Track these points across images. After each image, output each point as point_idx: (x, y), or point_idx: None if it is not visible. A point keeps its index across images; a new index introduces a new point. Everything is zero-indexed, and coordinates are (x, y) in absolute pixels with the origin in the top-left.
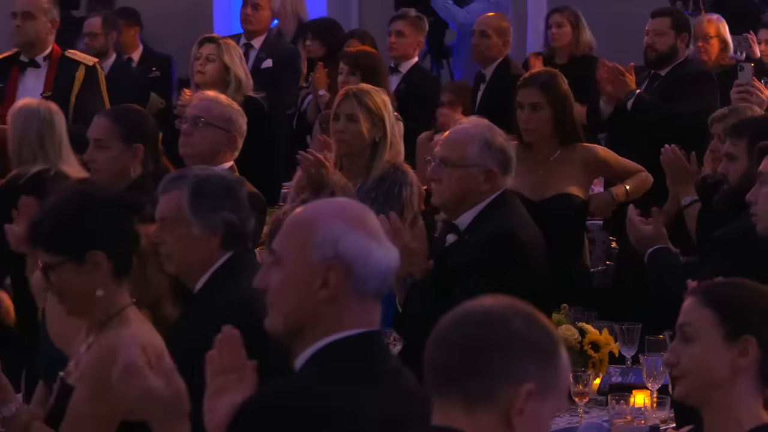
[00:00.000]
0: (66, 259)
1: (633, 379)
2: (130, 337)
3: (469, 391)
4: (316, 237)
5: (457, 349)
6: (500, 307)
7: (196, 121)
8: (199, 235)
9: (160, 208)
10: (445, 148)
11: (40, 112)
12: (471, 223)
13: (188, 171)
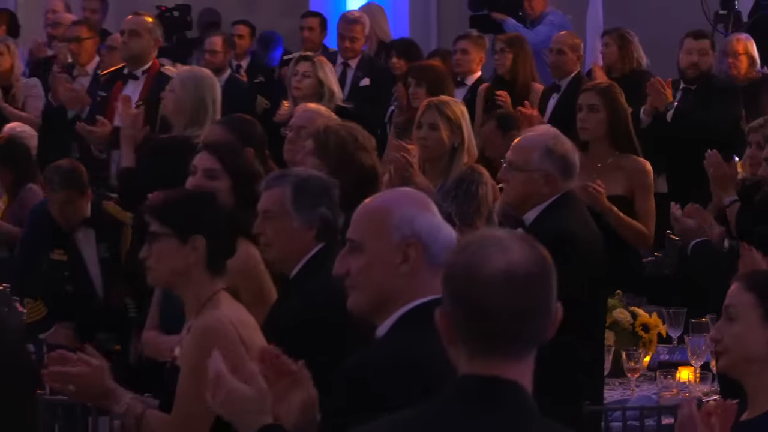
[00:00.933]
0: (172, 233)
1: (679, 357)
2: (222, 315)
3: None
4: (393, 220)
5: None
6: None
7: (299, 130)
8: (298, 228)
9: (263, 203)
10: (512, 153)
11: (212, 79)
12: (534, 220)
13: (290, 171)
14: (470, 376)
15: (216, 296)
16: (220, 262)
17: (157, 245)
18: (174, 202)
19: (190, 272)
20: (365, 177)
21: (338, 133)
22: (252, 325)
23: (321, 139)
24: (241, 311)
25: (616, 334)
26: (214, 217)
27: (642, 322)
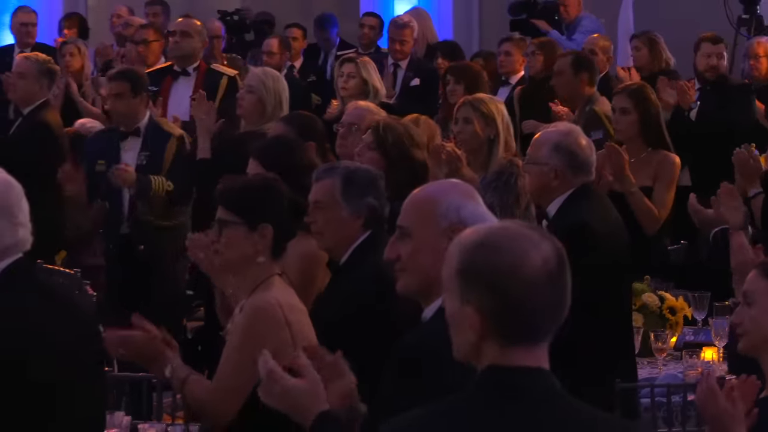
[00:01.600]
0: (242, 221)
1: (703, 338)
2: (271, 297)
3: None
4: (440, 209)
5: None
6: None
7: (350, 127)
8: (347, 217)
9: (314, 193)
10: (530, 147)
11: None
12: (557, 212)
13: (339, 164)
14: (501, 368)
15: (270, 279)
16: (283, 247)
17: (226, 232)
18: (243, 191)
19: (256, 257)
20: (418, 171)
21: (396, 130)
22: (300, 309)
23: (380, 134)
24: (291, 295)
25: (645, 317)
26: (279, 206)
27: (669, 305)
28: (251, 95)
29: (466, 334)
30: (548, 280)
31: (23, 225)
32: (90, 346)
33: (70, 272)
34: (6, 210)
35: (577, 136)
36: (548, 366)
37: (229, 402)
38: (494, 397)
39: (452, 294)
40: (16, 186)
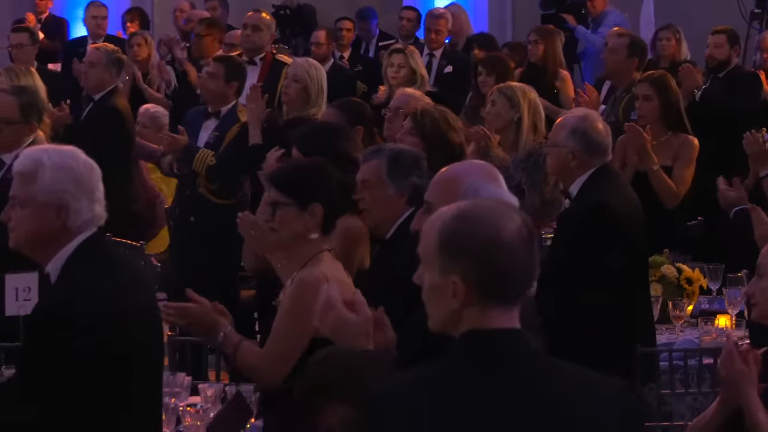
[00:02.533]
0: (293, 202)
1: (717, 307)
2: (319, 272)
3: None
4: (461, 188)
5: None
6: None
7: (397, 111)
8: (392, 195)
9: (362, 173)
10: (551, 131)
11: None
12: (578, 191)
13: (385, 146)
14: (482, 331)
15: (320, 255)
16: (332, 224)
17: (279, 212)
18: (293, 173)
19: (308, 235)
20: (454, 152)
21: (433, 115)
22: (346, 283)
23: (418, 119)
24: (338, 270)
25: (664, 287)
26: (329, 185)
27: (686, 276)
28: (296, 84)
29: (448, 303)
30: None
31: (99, 202)
32: (156, 315)
33: (135, 244)
34: (87, 188)
35: (593, 120)
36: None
37: (279, 368)
38: (477, 358)
39: (432, 267)
40: (96, 168)
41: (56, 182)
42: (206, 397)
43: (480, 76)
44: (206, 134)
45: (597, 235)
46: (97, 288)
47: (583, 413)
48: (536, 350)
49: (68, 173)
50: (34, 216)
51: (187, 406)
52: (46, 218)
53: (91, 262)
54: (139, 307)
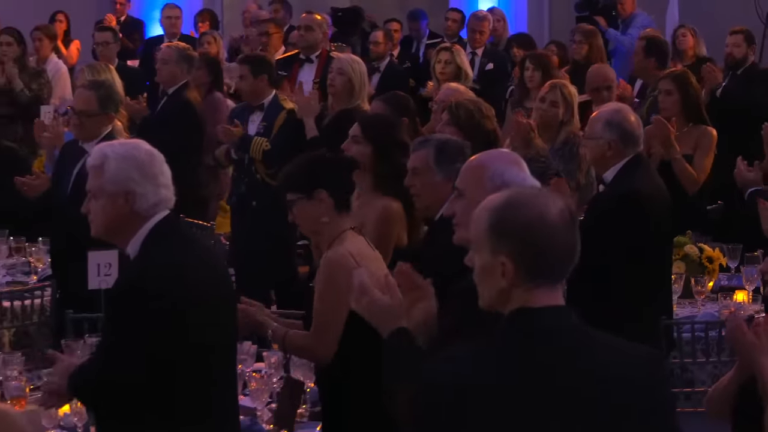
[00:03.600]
0: (301, 196)
1: (736, 283)
2: (343, 249)
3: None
4: (488, 173)
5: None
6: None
7: (441, 104)
8: (440, 181)
9: (412, 161)
10: (587, 125)
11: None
12: (613, 178)
13: (432, 136)
14: (530, 308)
15: (342, 235)
16: (345, 201)
17: (295, 209)
18: (293, 171)
19: (321, 218)
20: (489, 139)
21: (467, 107)
22: (371, 256)
23: (454, 111)
24: (361, 244)
25: (687, 265)
26: (330, 170)
27: (707, 255)
28: (342, 77)
29: (497, 282)
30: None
31: (165, 186)
32: (227, 288)
33: (205, 225)
34: (150, 174)
35: (626, 113)
36: (564, 303)
37: (325, 342)
38: (524, 334)
39: (483, 249)
40: (158, 155)
41: (121, 171)
42: (270, 364)
43: (527, 71)
44: (254, 126)
45: (628, 217)
46: (170, 263)
47: (621, 381)
48: (578, 325)
49: (131, 162)
50: (106, 205)
51: (253, 371)
52: (116, 205)
53: (164, 240)
54: (210, 279)
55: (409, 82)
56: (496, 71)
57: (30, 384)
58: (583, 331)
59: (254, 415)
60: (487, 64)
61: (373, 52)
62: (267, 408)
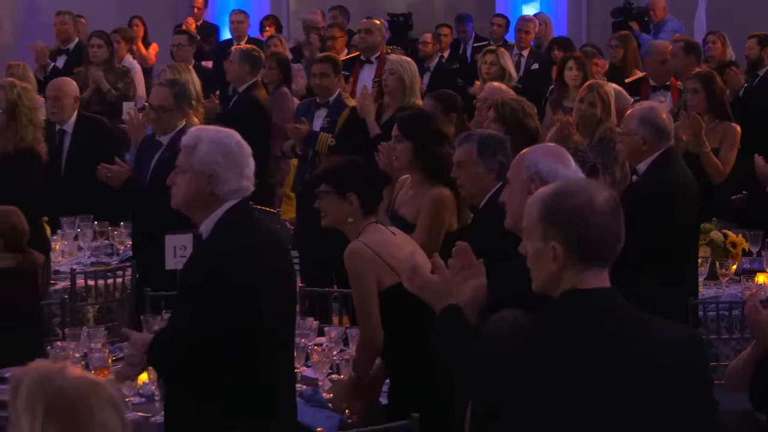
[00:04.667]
0: (333, 191)
1: (757, 266)
2: (357, 242)
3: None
4: (525, 163)
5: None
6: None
7: (485, 102)
8: (482, 172)
9: (457, 155)
10: (622, 123)
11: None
12: (645, 170)
13: (475, 131)
14: (579, 290)
15: (366, 228)
16: (371, 209)
17: (324, 200)
18: (333, 168)
19: (347, 219)
20: (531, 135)
21: (512, 105)
22: (392, 243)
23: (499, 110)
24: (378, 232)
25: (712, 249)
26: (365, 177)
27: (731, 241)
28: (393, 75)
29: (548, 266)
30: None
31: (248, 177)
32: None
33: (273, 211)
34: (236, 163)
35: (658, 110)
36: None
37: (369, 326)
38: (572, 312)
39: (535, 236)
40: (247, 148)
41: (210, 154)
42: (330, 338)
43: (570, 71)
44: (319, 122)
45: (660, 205)
46: (240, 245)
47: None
48: (625, 305)
49: (221, 148)
50: (190, 181)
51: (315, 345)
52: (199, 184)
53: (236, 224)
54: (275, 261)
55: (458, 81)
56: (540, 71)
57: (112, 356)
58: (629, 311)
59: (316, 385)
60: (533, 64)
61: (422, 52)
62: (327, 378)
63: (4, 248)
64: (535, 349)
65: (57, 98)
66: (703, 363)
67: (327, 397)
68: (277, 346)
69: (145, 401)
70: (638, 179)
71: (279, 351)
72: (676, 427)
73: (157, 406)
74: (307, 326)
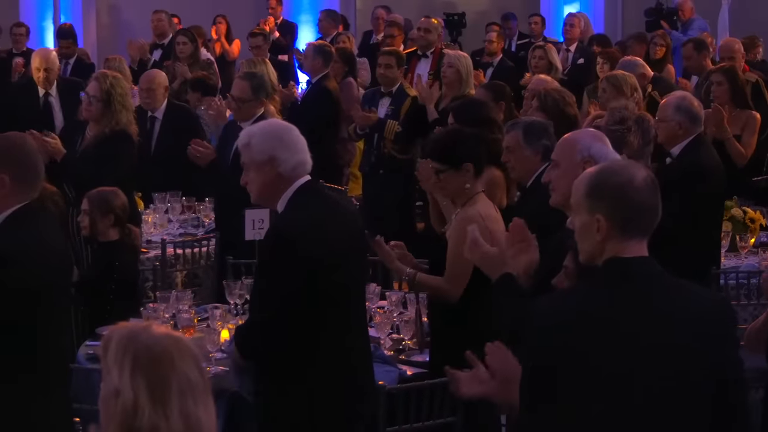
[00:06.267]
0: (448, 167)
1: None
2: (475, 210)
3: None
4: (578, 146)
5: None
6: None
7: (532, 92)
8: (529, 155)
9: (506, 141)
10: (658, 110)
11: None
12: (679, 153)
13: (521, 119)
14: (621, 258)
15: (475, 197)
16: (482, 169)
17: (442, 176)
18: (444, 145)
19: (465, 186)
20: (570, 122)
21: (553, 96)
22: (494, 218)
23: (542, 99)
24: (489, 207)
25: (733, 224)
26: (473, 144)
27: (750, 217)
28: (451, 68)
29: (593, 237)
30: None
31: (302, 151)
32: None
33: (341, 188)
34: (287, 141)
35: (690, 99)
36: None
37: (456, 284)
38: (615, 278)
39: (582, 211)
40: (293, 128)
41: (262, 143)
42: (391, 302)
43: (599, 65)
44: (383, 109)
45: (693, 185)
46: (310, 217)
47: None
48: (662, 271)
49: (271, 134)
50: (257, 172)
51: (377, 308)
52: (264, 171)
53: (306, 199)
54: (346, 232)
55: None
56: (586, 65)
57: (197, 316)
58: (666, 277)
59: (378, 343)
60: (579, 59)
61: (488, 49)
62: (388, 337)
63: (113, 223)
64: (580, 311)
65: (149, 89)
66: (732, 324)
67: (388, 354)
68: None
69: (225, 357)
70: (672, 161)
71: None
72: (708, 379)
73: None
74: (370, 291)
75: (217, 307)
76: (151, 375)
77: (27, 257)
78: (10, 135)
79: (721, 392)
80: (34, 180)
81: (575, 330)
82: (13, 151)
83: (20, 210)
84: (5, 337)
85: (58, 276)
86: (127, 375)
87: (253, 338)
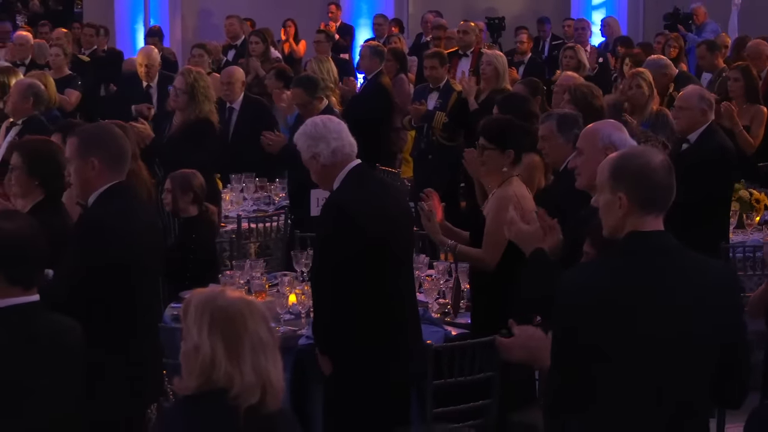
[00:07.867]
0: (494, 147)
1: None
2: (511, 190)
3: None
4: (599, 136)
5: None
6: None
7: (561, 88)
8: (562, 143)
9: (541, 131)
10: (679, 100)
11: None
12: (696, 139)
13: (554, 111)
14: (640, 232)
15: (511, 179)
16: (520, 159)
17: (486, 153)
18: (495, 128)
19: (505, 167)
20: (597, 113)
21: (583, 90)
22: (528, 198)
23: (572, 93)
24: (523, 189)
25: (740, 204)
26: (519, 134)
27: (756, 197)
28: (490, 66)
29: (615, 213)
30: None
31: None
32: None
33: (394, 171)
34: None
35: (706, 90)
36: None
37: (493, 253)
38: (635, 249)
39: (605, 190)
40: (333, 119)
41: (303, 143)
42: (438, 270)
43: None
44: (432, 102)
45: (710, 167)
46: (359, 194)
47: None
48: (677, 244)
49: (306, 135)
50: (310, 167)
51: (426, 276)
52: (314, 164)
53: (356, 180)
54: (393, 208)
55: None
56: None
57: (269, 282)
58: (681, 249)
59: (426, 307)
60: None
61: (519, 49)
62: (436, 302)
63: (192, 201)
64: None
65: (229, 83)
66: (737, 290)
67: (435, 316)
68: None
69: (293, 318)
70: (690, 146)
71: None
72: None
73: (303, 321)
74: (419, 261)
75: (286, 275)
76: (227, 333)
77: (117, 229)
78: (100, 125)
79: (728, 352)
80: (122, 163)
81: (598, 294)
82: (101, 138)
83: (110, 189)
84: (106, 305)
85: (148, 244)
86: (206, 333)
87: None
